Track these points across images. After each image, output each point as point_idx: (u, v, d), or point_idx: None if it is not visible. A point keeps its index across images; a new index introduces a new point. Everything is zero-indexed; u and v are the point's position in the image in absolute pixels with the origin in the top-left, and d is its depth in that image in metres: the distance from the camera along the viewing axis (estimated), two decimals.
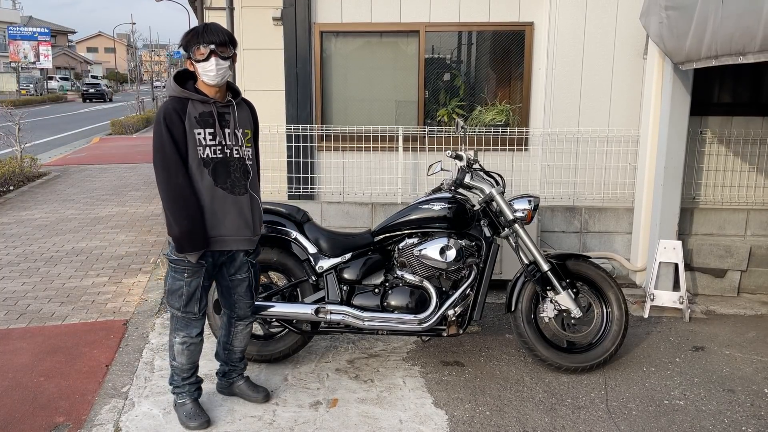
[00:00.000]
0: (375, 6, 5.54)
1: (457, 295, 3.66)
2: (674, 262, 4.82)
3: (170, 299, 3.10)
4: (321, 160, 5.72)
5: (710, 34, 3.73)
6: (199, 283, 3.06)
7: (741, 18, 3.40)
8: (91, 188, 10.15)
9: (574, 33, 5.35)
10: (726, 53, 3.62)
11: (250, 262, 3.22)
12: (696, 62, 4.09)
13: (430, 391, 3.57)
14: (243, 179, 3.05)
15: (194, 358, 3.21)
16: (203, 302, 3.12)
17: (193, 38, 2.88)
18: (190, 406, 3.20)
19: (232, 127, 3.01)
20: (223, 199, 3.00)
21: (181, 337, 3.14)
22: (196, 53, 2.88)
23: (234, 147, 3.02)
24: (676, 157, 4.84)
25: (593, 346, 3.81)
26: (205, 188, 2.97)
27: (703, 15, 3.82)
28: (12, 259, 6.15)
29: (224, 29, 2.95)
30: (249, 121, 3.14)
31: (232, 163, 3.01)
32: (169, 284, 3.08)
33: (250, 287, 3.27)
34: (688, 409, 3.42)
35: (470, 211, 3.75)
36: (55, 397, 3.47)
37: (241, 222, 3.06)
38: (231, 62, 2.96)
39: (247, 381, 3.44)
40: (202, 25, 2.93)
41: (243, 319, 3.34)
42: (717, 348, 4.20)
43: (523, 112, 5.62)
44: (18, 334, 4.33)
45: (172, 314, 3.15)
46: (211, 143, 2.95)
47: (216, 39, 2.87)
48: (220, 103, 3.00)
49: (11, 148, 11.80)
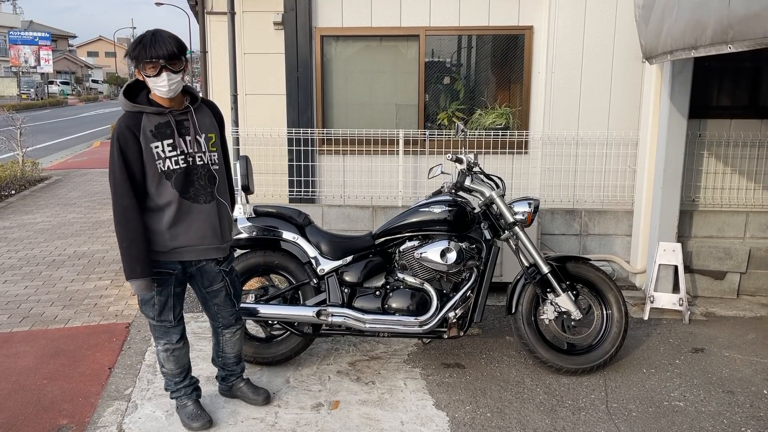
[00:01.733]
0: (375, 10, 5.57)
1: (458, 298, 3.68)
2: (674, 265, 4.84)
3: (144, 309, 3.05)
4: (322, 163, 5.74)
5: (666, 29, 3.76)
6: (170, 292, 3.02)
7: (693, 12, 3.43)
8: (92, 192, 10.17)
9: (574, 36, 5.38)
10: (680, 47, 3.65)
11: (224, 271, 3.14)
12: (654, 58, 4.12)
13: (431, 392, 3.59)
14: (208, 186, 2.97)
15: (181, 362, 3.20)
16: (177, 309, 3.08)
17: (141, 52, 2.72)
18: (191, 407, 3.22)
19: (193, 134, 2.90)
20: (187, 208, 2.92)
21: (163, 345, 3.13)
22: (146, 68, 2.75)
23: (197, 154, 2.92)
24: (675, 159, 4.86)
25: (593, 348, 3.83)
26: (169, 201, 2.88)
27: (660, 11, 3.87)
28: (14, 262, 6.17)
29: (173, 38, 2.78)
30: (213, 125, 3.03)
31: (195, 171, 2.92)
32: (141, 295, 3.00)
33: (229, 295, 3.20)
34: (688, 410, 3.44)
35: (470, 214, 3.78)
36: (58, 399, 3.49)
37: (207, 231, 2.97)
38: (183, 73, 2.83)
39: (247, 383, 3.45)
40: (149, 37, 2.75)
41: (228, 327, 3.29)
42: (717, 350, 4.22)
43: (522, 116, 5.65)
44: (21, 338, 4.35)
45: (150, 323, 3.13)
46: (171, 154, 2.85)
47: (165, 52, 2.72)
48: (177, 110, 2.89)
49: (13, 152, 11.83)
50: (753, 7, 2.88)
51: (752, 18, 2.89)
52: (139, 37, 2.80)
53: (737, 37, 3.05)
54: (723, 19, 3.14)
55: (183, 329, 3.18)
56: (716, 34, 3.23)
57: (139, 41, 2.76)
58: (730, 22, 3.08)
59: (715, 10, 3.21)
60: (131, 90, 2.91)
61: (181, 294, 3.11)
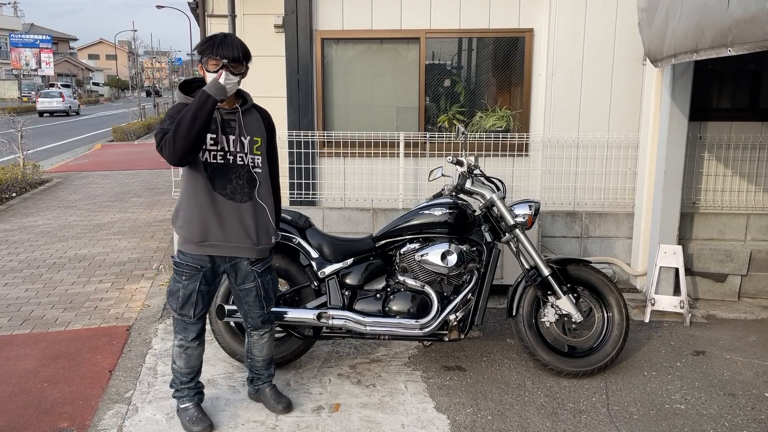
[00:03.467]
0: (376, 13, 5.58)
1: (459, 300, 3.67)
2: (675, 267, 4.84)
3: (169, 300, 3.15)
4: (322, 166, 5.74)
5: (670, 33, 3.77)
6: (195, 287, 3.06)
7: (694, 15, 3.44)
8: (93, 195, 10.18)
9: (574, 39, 5.38)
10: (682, 51, 3.66)
11: (256, 271, 3.16)
12: (660, 61, 4.13)
13: (431, 395, 3.58)
14: (247, 186, 3.03)
15: (192, 363, 3.22)
16: (199, 307, 3.11)
17: (209, 48, 2.89)
18: (192, 410, 3.21)
19: (237, 134, 3.00)
20: (221, 204, 2.98)
21: (178, 340, 3.18)
22: (209, 63, 2.90)
23: (239, 154, 3.00)
24: (675, 161, 4.86)
25: (594, 351, 3.83)
26: (202, 192, 2.97)
27: (663, 14, 3.87)
28: (15, 265, 6.17)
29: (241, 45, 2.94)
30: (260, 130, 3.11)
31: (234, 170, 3.00)
32: (170, 286, 3.13)
33: (259, 297, 3.21)
34: (689, 413, 3.43)
35: (471, 217, 3.78)
36: (58, 402, 3.49)
37: (240, 230, 3.02)
38: (241, 77, 2.95)
39: (272, 389, 3.43)
40: (221, 37, 2.93)
41: (256, 329, 3.31)
42: (718, 352, 4.21)
43: (523, 118, 5.65)
44: (21, 340, 4.35)
45: (172, 316, 3.20)
46: (211, 148, 2.96)
47: (230, 54, 2.87)
48: (225, 109, 3.00)
49: (13, 154, 11.85)
50: (750, 10, 2.88)
51: (750, 21, 2.88)
52: (211, 36, 2.98)
53: (736, 40, 3.05)
54: (722, 22, 3.14)
55: (201, 329, 3.21)
56: (716, 37, 3.23)
57: (210, 39, 2.94)
58: (728, 25, 3.08)
59: (714, 13, 3.22)
60: (187, 85, 3.05)
61: (207, 294, 3.14)
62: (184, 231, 3.01)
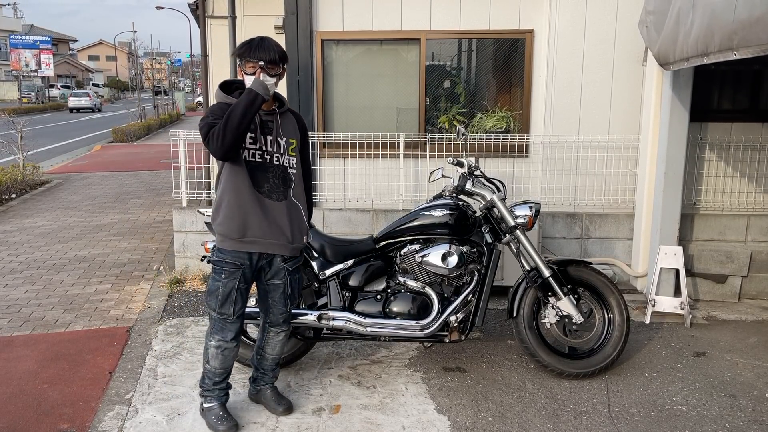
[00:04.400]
0: (376, 14, 5.58)
1: (459, 301, 3.67)
2: (675, 268, 4.84)
3: (208, 300, 3.16)
4: (323, 167, 5.74)
5: (682, 36, 3.76)
6: (234, 285, 3.09)
7: (705, 19, 3.43)
8: (93, 196, 10.18)
9: (574, 40, 5.38)
10: (694, 54, 3.65)
11: (287, 269, 3.21)
12: (672, 64, 4.13)
13: (432, 397, 3.58)
14: (282, 186, 3.09)
15: (227, 363, 3.23)
16: (238, 305, 3.14)
17: (246, 51, 2.96)
18: (218, 410, 3.23)
19: (275, 134, 3.07)
20: (259, 202, 3.04)
21: (216, 341, 3.17)
22: (246, 65, 2.97)
23: (275, 154, 3.07)
24: (676, 163, 4.86)
25: (595, 352, 3.82)
26: (242, 189, 3.02)
27: (675, 17, 3.86)
28: (15, 266, 6.17)
29: (277, 46, 3.00)
30: (295, 132, 3.20)
31: (271, 169, 3.07)
32: (209, 285, 3.16)
33: (285, 294, 3.25)
34: (690, 414, 3.43)
35: (472, 218, 3.77)
36: (59, 403, 3.49)
37: (276, 227, 3.08)
38: (278, 78, 3.02)
39: (273, 391, 3.44)
40: (257, 41, 2.99)
41: (275, 325, 3.33)
42: (718, 353, 4.21)
43: (523, 119, 5.65)
44: (22, 341, 4.35)
45: (210, 316, 3.22)
46: (251, 147, 3.02)
47: (266, 57, 2.94)
48: (264, 111, 3.07)
49: (13, 155, 11.85)
50: (755, 12, 2.87)
51: (755, 23, 2.87)
52: (248, 40, 3.04)
53: (742, 43, 3.04)
54: (728, 25, 3.14)
55: (239, 328, 3.23)
56: (723, 40, 3.22)
57: (248, 42, 3.01)
58: (734, 28, 3.07)
59: (723, 16, 3.20)
60: (227, 86, 3.12)
61: (245, 291, 3.17)
62: (223, 228, 3.04)
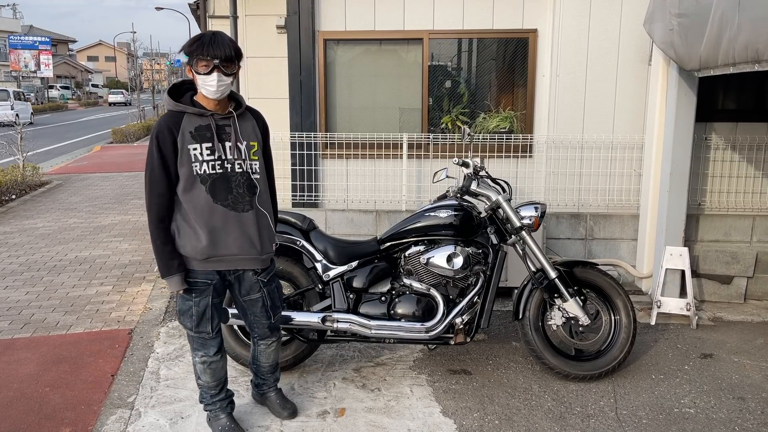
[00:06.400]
0: (379, 14, 5.54)
1: (465, 303, 3.64)
2: (681, 269, 4.80)
3: (182, 320, 3.01)
4: (325, 167, 5.71)
5: (727, 41, 3.66)
6: (208, 302, 2.96)
7: (755, 24, 3.35)
8: (93, 197, 10.14)
9: (578, 40, 5.34)
10: (743, 60, 3.56)
11: (261, 281, 3.07)
12: (713, 69, 3.99)
13: (437, 399, 3.54)
14: (247, 195, 2.90)
15: (218, 375, 3.14)
16: (215, 321, 3.02)
17: (198, 48, 2.71)
18: (224, 420, 3.15)
19: (234, 140, 2.85)
20: (224, 216, 2.85)
21: (200, 357, 3.07)
22: (199, 65, 2.72)
23: (236, 161, 2.85)
24: (681, 163, 4.82)
25: (602, 354, 3.79)
26: (203, 206, 2.82)
27: (717, 22, 3.77)
28: (15, 268, 6.13)
29: (231, 42, 2.78)
30: (255, 133, 2.97)
31: (233, 179, 2.86)
32: (179, 305, 3.00)
33: (266, 307, 3.12)
34: (699, 417, 3.39)
35: (477, 219, 3.74)
36: (60, 407, 3.45)
37: (244, 240, 2.90)
38: (234, 77, 2.81)
39: (278, 394, 3.39)
40: (209, 36, 2.75)
41: (264, 338, 3.23)
42: (725, 355, 4.18)
43: (527, 119, 5.62)
44: (22, 344, 4.31)
45: (187, 334, 3.09)
46: (209, 158, 2.80)
47: (222, 53, 2.70)
48: (220, 115, 2.85)
49: (13, 156, 11.81)
50: None
51: None
52: (198, 35, 2.82)
53: None
54: None
55: (221, 341, 3.12)
56: None
57: (198, 38, 2.77)
58: None
59: None
60: (176, 90, 2.91)
61: (219, 305, 3.05)
62: (188, 250, 2.86)
